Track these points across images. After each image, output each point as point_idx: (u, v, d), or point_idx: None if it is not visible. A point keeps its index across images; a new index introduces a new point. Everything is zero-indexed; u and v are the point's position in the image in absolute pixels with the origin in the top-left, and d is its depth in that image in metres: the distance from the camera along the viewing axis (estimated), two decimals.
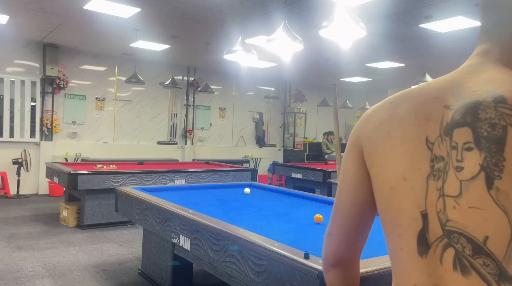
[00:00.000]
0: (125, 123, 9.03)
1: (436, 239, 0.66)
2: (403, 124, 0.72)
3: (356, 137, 0.81)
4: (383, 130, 0.75)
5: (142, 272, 3.71)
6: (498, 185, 0.60)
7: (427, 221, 0.67)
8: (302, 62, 8.33)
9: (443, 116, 0.68)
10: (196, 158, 9.71)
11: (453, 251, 0.64)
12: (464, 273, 0.63)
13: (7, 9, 5.66)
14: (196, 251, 2.49)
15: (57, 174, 5.56)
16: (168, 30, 6.44)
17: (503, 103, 0.63)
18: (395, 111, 0.74)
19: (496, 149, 0.61)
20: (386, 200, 0.73)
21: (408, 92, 0.76)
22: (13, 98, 7.70)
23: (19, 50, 7.72)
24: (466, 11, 4.94)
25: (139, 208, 3.29)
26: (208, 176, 5.97)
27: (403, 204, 0.70)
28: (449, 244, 0.64)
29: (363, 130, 0.80)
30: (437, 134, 0.67)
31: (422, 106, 0.71)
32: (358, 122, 0.83)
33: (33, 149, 7.90)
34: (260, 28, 5.93)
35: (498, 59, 0.70)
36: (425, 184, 0.67)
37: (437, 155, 0.67)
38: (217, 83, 10.15)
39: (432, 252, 0.66)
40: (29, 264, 3.91)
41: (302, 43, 3.97)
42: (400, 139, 0.71)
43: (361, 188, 0.81)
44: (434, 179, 0.66)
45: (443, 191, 0.65)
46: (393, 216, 0.72)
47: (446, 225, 0.65)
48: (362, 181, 0.80)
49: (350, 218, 0.83)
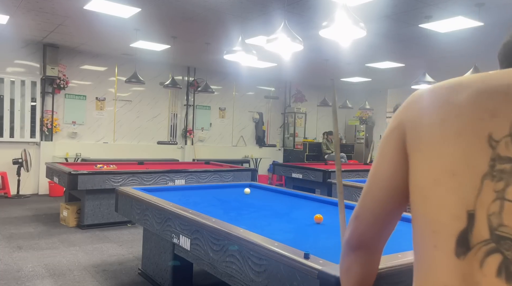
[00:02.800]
0: (125, 124, 9.03)
1: (480, 242, 0.62)
2: (462, 114, 0.66)
3: (401, 120, 0.75)
4: (436, 117, 0.69)
5: (142, 272, 3.71)
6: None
7: (473, 221, 0.62)
8: (302, 62, 8.33)
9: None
10: (196, 158, 9.72)
11: (500, 257, 0.60)
12: (509, 281, 0.59)
13: (7, 9, 5.66)
14: (196, 251, 2.49)
15: (57, 174, 5.56)
16: (168, 30, 6.44)
17: None
18: (452, 98, 0.68)
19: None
20: (425, 192, 0.68)
21: (470, 80, 0.69)
22: (13, 98, 7.70)
23: (19, 50, 7.72)
24: (466, 11, 4.94)
25: (139, 208, 3.30)
26: (208, 176, 5.97)
27: (446, 199, 0.65)
28: (496, 249, 0.60)
29: (409, 113, 0.74)
30: (505, 133, 0.62)
31: (488, 99, 0.64)
32: (404, 104, 0.77)
33: (33, 149, 7.90)
34: (260, 28, 5.94)
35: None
36: (479, 183, 0.62)
37: (502, 155, 0.61)
38: (217, 83, 10.15)
39: (472, 254, 0.62)
40: (29, 264, 3.91)
41: (302, 43, 3.97)
42: (455, 130, 0.66)
43: (396, 173, 0.76)
44: (492, 179, 0.62)
45: (504, 194, 0.60)
46: (430, 210, 0.67)
47: (498, 230, 0.60)
48: (399, 166, 0.75)
49: (380, 203, 0.79)
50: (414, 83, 5.91)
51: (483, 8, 4.75)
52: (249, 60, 5.06)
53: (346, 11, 3.39)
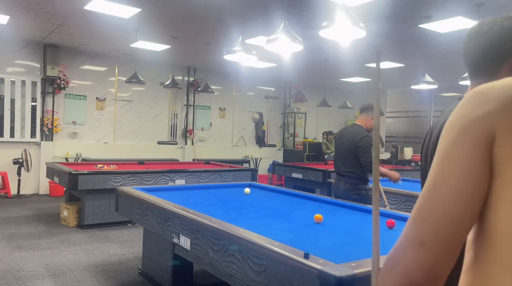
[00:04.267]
0: (125, 124, 9.04)
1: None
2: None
3: (485, 122, 0.63)
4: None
5: (143, 271, 3.71)
6: None
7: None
8: (302, 62, 8.33)
9: None
10: (196, 157, 9.72)
11: None
12: None
13: (7, 9, 5.66)
14: (196, 250, 2.50)
15: (57, 174, 5.57)
16: (168, 31, 6.45)
17: None
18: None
19: None
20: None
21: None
22: (13, 98, 7.71)
23: (20, 51, 7.73)
24: (465, 12, 4.95)
25: (140, 208, 3.30)
26: (208, 176, 5.98)
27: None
28: None
29: (498, 114, 0.62)
30: None
31: None
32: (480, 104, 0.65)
33: (33, 149, 7.91)
34: (260, 29, 5.94)
35: None
36: None
37: None
38: (217, 83, 10.16)
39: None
40: (29, 263, 3.91)
41: (302, 43, 3.98)
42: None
43: (479, 185, 0.63)
44: None
45: None
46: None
47: None
48: (482, 177, 0.63)
49: (456, 224, 0.64)
50: (414, 83, 5.91)
51: (482, 8, 4.76)
52: (249, 61, 5.07)
53: (346, 11, 3.39)
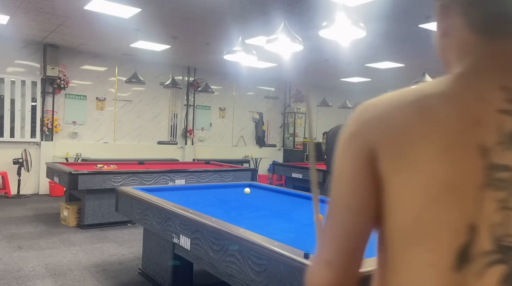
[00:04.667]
0: (125, 124, 9.04)
1: (480, 253, 0.60)
2: (444, 128, 0.63)
3: (366, 141, 0.68)
4: (416, 134, 0.64)
5: (143, 271, 3.71)
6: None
7: (474, 234, 0.61)
8: (302, 62, 8.33)
9: (501, 122, 0.61)
10: (196, 157, 9.72)
11: (504, 268, 0.59)
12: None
13: (7, 9, 5.66)
14: (196, 250, 2.50)
15: (57, 174, 5.57)
16: (168, 31, 6.45)
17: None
18: (428, 112, 0.64)
19: None
20: (417, 212, 0.64)
21: (438, 89, 0.66)
22: (13, 98, 7.71)
23: (20, 51, 7.73)
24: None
25: (140, 207, 3.30)
26: (208, 176, 5.98)
27: (446, 216, 0.62)
28: (500, 260, 0.59)
29: (378, 131, 0.67)
30: (495, 140, 0.60)
31: (466, 108, 0.63)
32: (361, 122, 0.69)
33: (33, 148, 7.91)
34: (260, 29, 5.94)
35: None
36: (478, 195, 0.61)
37: (498, 164, 0.60)
38: (217, 83, 10.15)
39: (471, 267, 0.61)
40: (29, 263, 3.92)
41: (302, 43, 3.98)
42: (442, 145, 0.62)
43: (371, 201, 0.68)
44: (492, 189, 0.60)
45: (509, 204, 0.59)
46: (424, 230, 0.63)
47: (503, 240, 0.59)
48: (373, 193, 0.68)
49: (356, 239, 0.70)
50: (414, 83, 5.91)
51: None
52: (249, 61, 5.07)
53: (346, 11, 3.40)
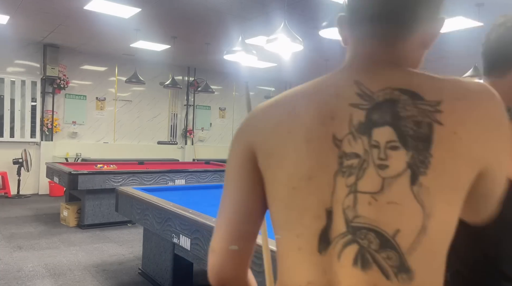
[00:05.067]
0: (125, 123, 9.03)
1: (337, 235, 0.65)
2: (306, 122, 0.69)
3: (247, 142, 0.76)
4: (283, 130, 0.71)
5: (143, 271, 3.71)
6: (422, 181, 0.62)
7: (331, 218, 0.66)
8: (302, 62, 8.33)
9: (351, 115, 0.67)
10: (196, 157, 9.72)
11: (356, 247, 0.64)
12: (364, 268, 0.63)
13: (7, 9, 5.66)
14: (196, 250, 2.50)
15: (57, 174, 5.56)
16: (168, 31, 6.44)
17: (420, 100, 0.64)
18: (294, 110, 0.72)
19: (423, 146, 0.62)
20: (285, 201, 0.70)
21: (303, 89, 0.74)
22: (13, 98, 7.70)
23: (20, 50, 7.72)
24: (465, 11, 4.94)
25: (140, 208, 3.30)
26: (208, 176, 5.97)
27: (307, 203, 0.68)
28: (352, 240, 0.64)
29: (255, 133, 0.75)
30: (346, 131, 0.66)
31: (324, 104, 0.69)
32: (245, 126, 0.78)
33: (33, 148, 7.91)
34: (260, 28, 5.94)
35: (389, 59, 0.70)
36: (333, 181, 0.66)
37: (348, 152, 0.66)
38: (217, 83, 10.15)
39: (331, 248, 0.66)
40: (29, 263, 3.91)
41: (302, 43, 3.98)
42: (303, 138, 0.69)
43: (253, 193, 0.76)
44: (343, 175, 0.66)
45: (357, 187, 0.64)
46: (292, 217, 0.70)
47: (353, 222, 0.64)
48: (253, 185, 0.75)
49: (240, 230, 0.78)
50: None
51: (482, 8, 4.76)
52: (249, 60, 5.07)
53: None
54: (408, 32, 0.70)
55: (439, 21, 0.72)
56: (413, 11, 0.69)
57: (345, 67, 0.74)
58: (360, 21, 0.72)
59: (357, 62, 0.72)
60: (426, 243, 0.63)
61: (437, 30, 0.72)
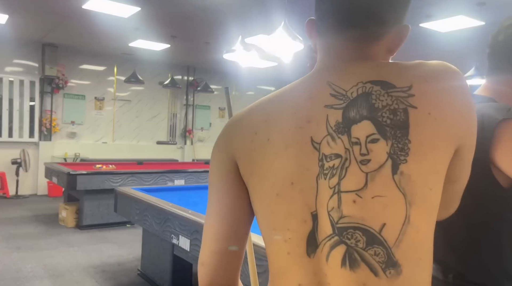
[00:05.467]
0: (124, 123, 9.01)
1: (324, 238, 0.66)
2: (283, 128, 0.70)
3: (228, 152, 0.76)
4: (262, 139, 0.71)
5: (142, 272, 3.69)
6: (402, 169, 0.62)
7: (317, 221, 0.66)
8: (302, 62, 8.30)
9: (327, 116, 0.67)
10: (196, 158, 9.70)
11: (343, 248, 0.64)
12: (352, 267, 0.63)
13: (6, 9, 5.63)
14: (195, 251, 2.47)
15: (56, 174, 5.54)
16: (167, 30, 6.42)
17: (392, 88, 0.64)
18: (271, 117, 0.72)
19: (401, 133, 0.62)
20: (271, 208, 0.71)
21: (277, 95, 0.75)
22: (12, 98, 7.68)
23: (18, 50, 7.69)
24: (467, 10, 4.92)
25: (139, 208, 3.27)
26: (207, 176, 5.94)
27: (292, 208, 0.68)
28: (339, 241, 0.64)
29: (235, 142, 0.75)
30: (324, 133, 0.67)
31: (299, 108, 0.70)
32: (224, 135, 0.78)
33: (32, 149, 7.88)
34: (260, 28, 5.92)
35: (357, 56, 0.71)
36: (315, 185, 0.66)
37: (328, 154, 0.66)
38: (217, 83, 10.13)
39: (319, 251, 0.66)
40: (28, 264, 3.88)
41: (302, 42, 3.96)
42: (282, 144, 0.69)
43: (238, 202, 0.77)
44: (325, 177, 0.66)
45: (340, 188, 0.65)
46: (279, 223, 0.70)
47: (339, 223, 0.64)
48: (240, 198, 0.76)
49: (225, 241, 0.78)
50: None
51: (484, 7, 4.74)
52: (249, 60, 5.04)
53: None
54: (376, 35, 0.71)
55: (405, 28, 0.73)
56: (381, 16, 0.70)
57: (317, 69, 0.75)
58: (330, 25, 0.74)
59: (328, 63, 0.73)
60: (411, 234, 0.63)
61: (402, 37, 0.73)
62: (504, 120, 0.97)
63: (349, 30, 0.72)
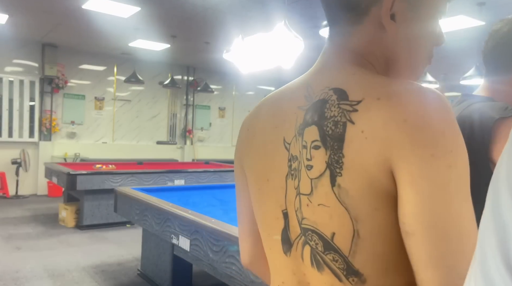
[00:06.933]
0: (124, 123, 9.00)
1: (296, 237, 0.67)
2: (265, 127, 0.73)
3: (236, 153, 0.82)
4: (250, 136, 0.77)
5: (142, 272, 3.69)
6: (339, 182, 0.60)
7: (288, 219, 0.68)
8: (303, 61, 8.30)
9: (297, 116, 0.68)
10: (196, 158, 9.69)
11: (309, 248, 0.65)
12: (319, 269, 0.64)
13: (6, 9, 5.63)
14: (195, 251, 2.47)
15: (56, 174, 5.54)
16: (167, 30, 6.42)
17: (345, 99, 0.62)
18: (258, 116, 0.77)
19: (337, 146, 0.61)
20: (256, 202, 0.75)
21: (270, 95, 0.78)
22: (11, 98, 7.67)
23: (18, 50, 7.69)
24: (467, 10, 4.92)
25: (139, 208, 3.27)
26: (207, 176, 5.95)
27: (268, 204, 0.71)
28: (305, 241, 0.65)
29: (239, 143, 0.81)
30: (293, 134, 0.68)
31: (280, 108, 0.72)
32: (237, 142, 0.84)
33: (32, 149, 7.87)
34: (260, 27, 5.91)
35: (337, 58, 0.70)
36: (285, 184, 0.68)
37: (293, 155, 0.67)
38: (217, 83, 10.12)
39: (294, 249, 0.68)
40: (28, 264, 3.88)
41: (302, 42, 3.95)
42: (262, 142, 0.73)
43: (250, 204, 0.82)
44: (292, 178, 0.67)
45: (299, 190, 0.66)
46: (262, 216, 0.74)
47: (302, 223, 0.65)
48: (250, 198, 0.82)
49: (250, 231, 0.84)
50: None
51: (484, 7, 4.73)
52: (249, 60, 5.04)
53: None
54: (361, 13, 0.66)
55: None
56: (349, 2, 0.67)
57: (309, 70, 0.75)
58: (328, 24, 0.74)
59: (315, 65, 0.74)
60: (366, 247, 0.59)
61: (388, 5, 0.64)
62: (501, 119, 0.98)
63: (331, 29, 0.72)
